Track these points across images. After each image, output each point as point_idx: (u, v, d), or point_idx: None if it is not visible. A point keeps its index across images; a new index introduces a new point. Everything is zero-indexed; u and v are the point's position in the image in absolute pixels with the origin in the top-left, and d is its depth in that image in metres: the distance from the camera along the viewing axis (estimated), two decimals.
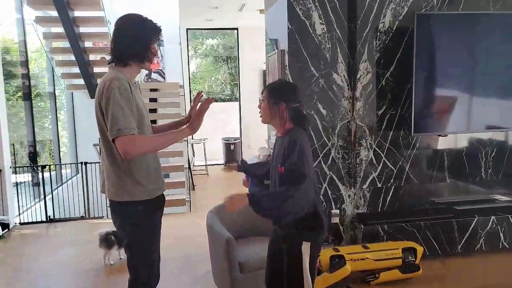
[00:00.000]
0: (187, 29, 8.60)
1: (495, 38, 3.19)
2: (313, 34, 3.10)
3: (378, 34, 3.13)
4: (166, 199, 2.02)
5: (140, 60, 1.84)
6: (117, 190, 1.81)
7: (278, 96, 1.87)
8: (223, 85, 13.09)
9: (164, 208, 2.02)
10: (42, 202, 5.23)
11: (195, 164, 8.29)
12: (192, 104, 2.06)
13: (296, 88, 1.97)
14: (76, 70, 6.44)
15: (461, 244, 3.26)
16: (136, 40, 1.80)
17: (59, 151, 7.40)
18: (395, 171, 3.27)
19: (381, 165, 3.25)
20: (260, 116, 1.95)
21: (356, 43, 3.11)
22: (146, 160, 1.83)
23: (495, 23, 3.19)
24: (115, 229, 1.99)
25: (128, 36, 1.80)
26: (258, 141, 5.80)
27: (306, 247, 1.83)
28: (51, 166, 6.17)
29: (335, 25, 3.13)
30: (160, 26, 1.87)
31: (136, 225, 1.85)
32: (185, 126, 1.89)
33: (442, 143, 3.39)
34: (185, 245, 3.88)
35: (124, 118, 1.66)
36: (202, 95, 2.04)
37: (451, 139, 3.41)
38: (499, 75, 3.25)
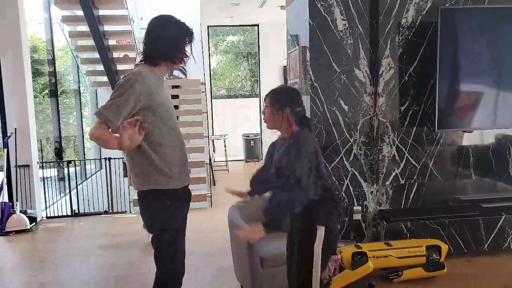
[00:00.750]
0: (208, 26, 8.66)
1: None
2: (334, 30, 3.09)
3: (401, 29, 3.09)
4: None
5: (172, 61, 1.87)
6: (142, 180, 1.84)
7: (283, 101, 1.93)
8: (243, 81, 13.12)
9: None
10: (68, 197, 5.39)
11: (215, 160, 8.36)
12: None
13: (298, 93, 2.06)
14: (100, 67, 6.58)
15: (488, 243, 3.19)
16: (169, 41, 1.83)
17: (84, 147, 7.60)
18: (418, 168, 3.23)
19: (404, 161, 3.21)
20: (265, 122, 2.00)
21: (378, 39, 3.08)
22: (172, 152, 1.86)
23: None
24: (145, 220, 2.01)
25: (162, 37, 1.83)
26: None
27: (320, 232, 1.88)
28: (76, 162, 6.34)
29: (357, 20, 3.10)
30: (192, 29, 1.90)
31: (163, 216, 1.88)
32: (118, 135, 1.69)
33: (467, 140, 3.32)
34: (207, 240, 3.93)
35: (115, 110, 1.69)
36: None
37: (477, 135, 3.34)
38: None
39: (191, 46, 1.90)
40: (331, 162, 3.18)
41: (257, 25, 8.72)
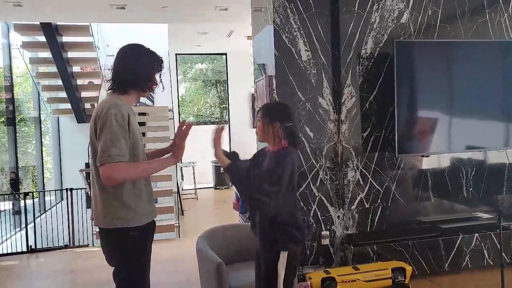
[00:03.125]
0: (176, 54, 8.73)
1: (469, 64, 3.37)
2: (298, 60, 3.22)
3: (361, 60, 3.27)
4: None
5: (141, 89, 1.87)
6: (106, 216, 1.79)
7: (273, 115, 2.01)
8: (212, 108, 13.19)
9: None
10: (24, 231, 5.10)
11: (184, 188, 8.24)
12: (175, 132, 2.08)
13: (289, 108, 2.12)
14: (63, 94, 6.44)
15: (448, 262, 3.32)
16: (139, 69, 1.83)
17: (43, 177, 7.28)
18: (381, 192, 3.35)
19: (368, 185, 3.33)
20: (256, 134, 2.06)
21: (340, 69, 3.24)
22: (137, 184, 1.83)
23: (468, 50, 3.38)
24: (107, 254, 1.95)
25: (131, 65, 1.83)
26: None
27: (283, 256, 1.92)
28: (34, 193, 6.04)
29: (320, 52, 3.25)
30: (162, 58, 1.92)
31: (125, 253, 1.81)
32: (169, 154, 1.89)
33: (426, 163, 3.50)
34: (174, 272, 3.82)
35: (116, 145, 1.67)
36: (186, 124, 2.02)
37: (434, 159, 3.52)
38: (475, 98, 3.41)
39: (160, 74, 1.92)
40: (299, 187, 3.23)
41: (225, 54, 8.89)
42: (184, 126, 1.93)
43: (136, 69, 1.83)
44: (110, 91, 1.87)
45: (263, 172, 1.92)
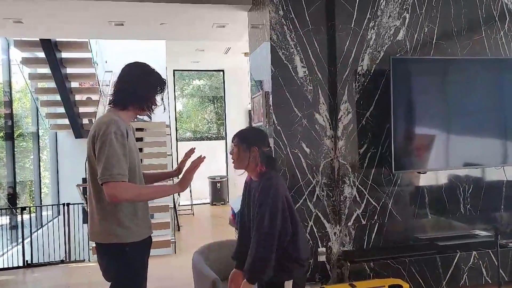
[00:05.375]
0: (174, 70, 8.81)
1: (465, 81, 3.40)
2: (295, 77, 3.25)
3: (357, 76, 3.30)
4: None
5: (141, 107, 1.90)
6: (101, 232, 1.79)
7: (250, 141, 2.00)
8: (209, 124, 13.24)
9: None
10: (20, 246, 5.05)
11: (180, 204, 8.20)
12: (183, 157, 2.11)
13: (265, 133, 2.17)
14: (61, 110, 6.46)
15: (446, 280, 3.28)
16: (141, 88, 1.85)
17: (40, 192, 7.24)
18: (378, 208, 3.34)
19: (364, 202, 3.31)
20: (233, 163, 2.04)
21: (336, 85, 3.27)
22: (134, 202, 1.83)
23: (464, 67, 3.41)
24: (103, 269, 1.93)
25: (134, 83, 1.85)
26: (245, 180, 5.83)
27: (288, 285, 1.90)
28: (31, 208, 6.00)
29: (316, 68, 3.28)
30: (165, 80, 1.95)
31: (121, 268, 1.81)
32: (176, 183, 1.88)
33: (423, 180, 3.49)
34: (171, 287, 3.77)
35: (118, 163, 1.68)
36: (194, 152, 2.08)
37: (431, 176, 3.51)
38: (472, 115, 3.43)
39: (162, 95, 1.94)
40: (295, 203, 3.21)
41: (223, 70, 8.97)
42: (193, 156, 1.95)
43: (139, 87, 1.85)
44: (110, 105, 1.89)
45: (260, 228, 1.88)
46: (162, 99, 1.95)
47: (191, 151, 2.09)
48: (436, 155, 3.41)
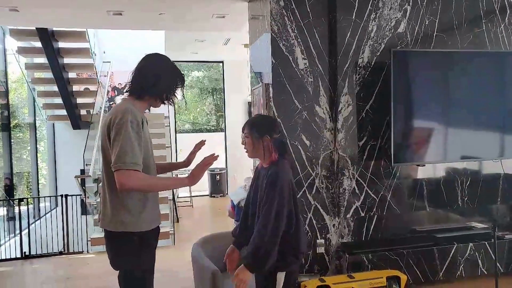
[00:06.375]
0: (173, 61, 8.74)
1: (465, 74, 3.40)
2: (295, 69, 3.24)
3: (358, 69, 3.29)
4: None
5: (160, 99, 1.89)
6: (111, 219, 1.80)
7: (262, 130, 1.99)
8: (208, 116, 13.20)
9: None
10: (18, 238, 5.05)
11: (179, 196, 8.21)
12: (193, 149, 2.12)
13: (275, 119, 2.14)
14: (58, 100, 6.41)
15: (442, 271, 3.32)
16: (164, 80, 1.86)
17: (38, 184, 7.23)
18: (377, 200, 3.35)
19: (363, 194, 3.33)
20: (246, 152, 2.04)
21: (337, 77, 3.26)
22: (144, 192, 1.83)
23: (465, 60, 3.41)
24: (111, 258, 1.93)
25: (157, 74, 1.85)
26: (244, 172, 5.83)
27: (280, 277, 1.91)
28: (29, 199, 5.99)
29: (317, 60, 3.27)
30: (184, 75, 1.96)
31: (129, 258, 1.82)
32: (186, 177, 1.89)
33: (421, 173, 3.51)
34: (169, 279, 3.79)
35: (132, 152, 1.68)
36: (204, 144, 2.07)
37: (430, 169, 3.53)
38: (470, 108, 3.44)
39: (182, 90, 1.95)
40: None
41: (222, 62, 8.92)
42: (204, 150, 1.96)
43: (159, 78, 1.85)
44: (126, 93, 1.89)
45: (264, 220, 1.87)
46: (183, 94, 1.95)
47: (201, 143, 2.09)
48: (435, 148, 3.43)
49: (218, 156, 1.92)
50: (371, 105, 3.31)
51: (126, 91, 1.89)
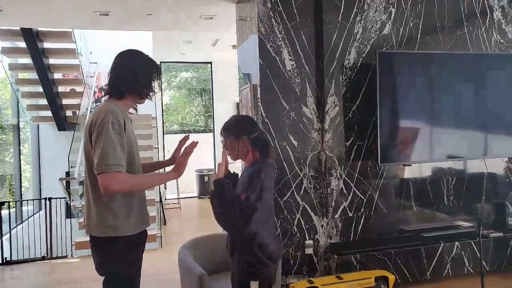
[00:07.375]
0: (161, 62, 8.68)
1: (449, 75, 3.45)
2: (283, 70, 3.24)
3: (344, 70, 3.31)
4: None
5: (139, 95, 1.86)
6: (97, 224, 1.75)
7: (237, 131, 1.96)
8: (197, 116, 13.14)
9: None
10: None
11: (167, 198, 8.13)
12: (177, 145, 2.08)
13: (250, 118, 2.11)
14: (43, 101, 6.30)
15: (430, 271, 3.35)
16: (139, 74, 1.82)
17: (21, 187, 7.07)
18: (364, 200, 3.37)
19: (351, 194, 3.34)
20: (229, 156, 2.00)
21: (323, 78, 3.27)
22: (130, 193, 1.80)
23: (448, 61, 3.46)
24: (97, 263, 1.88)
25: (130, 70, 1.81)
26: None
27: (254, 285, 1.83)
28: (10, 203, 5.85)
29: (304, 61, 3.28)
30: (160, 66, 1.92)
31: (115, 263, 1.78)
32: (171, 169, 1.87)
33: (408, 173, 3.55)
34: (156, 283, 3.75)
35: (114, 154, 1.64)
36: (188, 138, 2.05)
37: (416, 169, 3.57)
38: (455, 108, 3.50)
39: (159, 81, 1.91)
40: (283, 196, 3.23)
41: (210, 63, 8.89)
42: (188, 143, 1.91)
43: (135, 74, 1.81)
44: (106, 96, 1.85)
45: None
46: (160, 85, 1.92)
47: (185, 138, 2.06)
48: (421, 147, 3.47)
49: (197, 142, 1.89)
50: (357, 106, 3.34)
51: (106, 94, 1.85)
